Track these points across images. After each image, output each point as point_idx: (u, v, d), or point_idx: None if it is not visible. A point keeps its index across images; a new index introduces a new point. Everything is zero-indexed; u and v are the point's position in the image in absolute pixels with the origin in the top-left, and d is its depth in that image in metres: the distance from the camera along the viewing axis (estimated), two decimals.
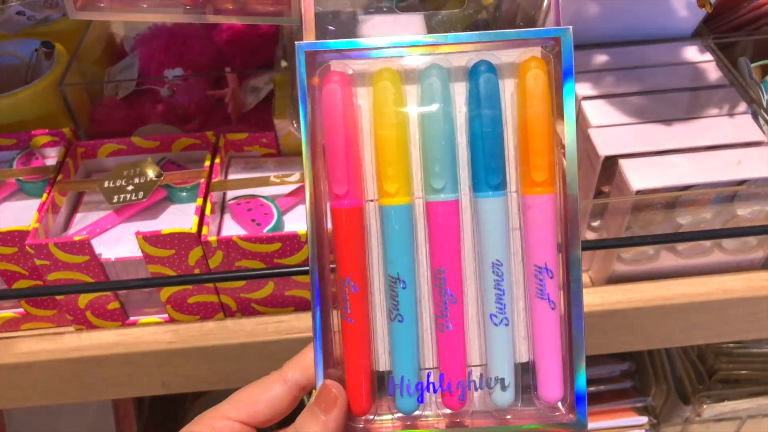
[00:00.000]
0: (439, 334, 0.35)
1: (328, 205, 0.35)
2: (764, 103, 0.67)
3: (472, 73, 0.34)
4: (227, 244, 0.54)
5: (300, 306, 0.60)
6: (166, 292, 0.56)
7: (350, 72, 0.35)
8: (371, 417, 0.36)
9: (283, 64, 0.72)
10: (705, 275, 0.62)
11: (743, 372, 0.86)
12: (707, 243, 0.62)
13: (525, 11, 0.70)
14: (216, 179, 0.59)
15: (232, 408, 0.35)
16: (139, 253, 0.54)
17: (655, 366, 0.88)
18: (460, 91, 0.35)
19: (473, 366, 0.36)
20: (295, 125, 0.57)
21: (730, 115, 0.64)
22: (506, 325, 0.35)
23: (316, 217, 0.34)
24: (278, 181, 0.57)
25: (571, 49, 0.33)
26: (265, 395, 0.35)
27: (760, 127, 0.63)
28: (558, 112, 0.34)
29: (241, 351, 0.58)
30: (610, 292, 0.61)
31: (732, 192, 0.59)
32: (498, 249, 0.34)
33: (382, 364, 0.36)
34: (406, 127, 0.34)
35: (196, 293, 0.57)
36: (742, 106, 0.65)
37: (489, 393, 0.35)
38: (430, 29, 0.62)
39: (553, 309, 0.34)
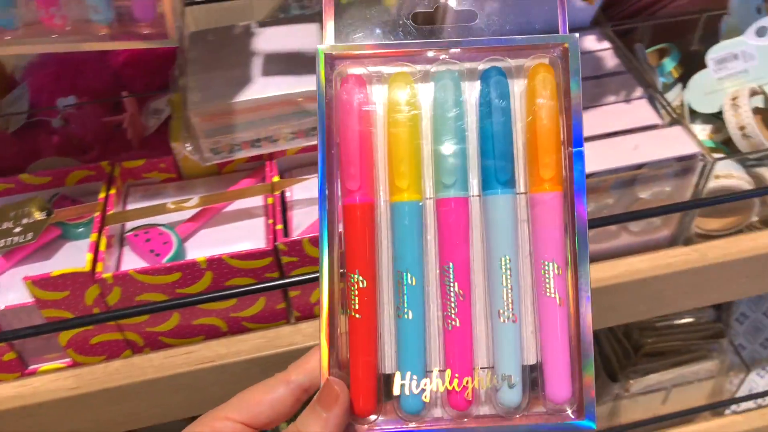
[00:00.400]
0: (446, 331, 0.35)
1: (340, 204, 0.35)
2: (659, 86, 0.68)
3: (483, 78, 0.35)
4: (124, 279, 0.52)
5: (210, 334, 0.58)
6: (65, 336, 0.54)
7: (366, 73, 0.35)
8: (375, 418, 0.35)
9: (181, 83, 0.70)
10: (615, 258, 0.63)
11: (667, 344, 0.88)
12: (613, 227, 0.63)
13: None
14: (111, 211, 0.56)
15: (235, 409, 0.34)
16: (31, 299, 0.51)
17: None
18: (471, 91, 0.36)
19: (480, 364, 0.35)
20: (189, 147, 0.55)
21: (627, 101, 0.65)
22: (514, 321, 0.35)
23: (328, 216, 0.34)
24: (174, 207, 0.55)
25: (578, 53, 0.34)
26: (268, 397, 0.34)
27: (656, 110, 0.64)
28: (566, 112, 0.35)
29: (151, 387, 0.56)
30: None
31: (632, 176, 0.60)
32: (506, 245, 0.35)
33: (389, 366, 0.35)
34: (419, 128, 0.35)
35: (98, 333, 0.55)
36: (639, 92, 0.66)
37: (496, 391, 0.35)
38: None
39: (560, 306, 0.34)
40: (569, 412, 0.34)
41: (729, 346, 0.94)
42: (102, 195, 0.58)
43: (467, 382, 0.34)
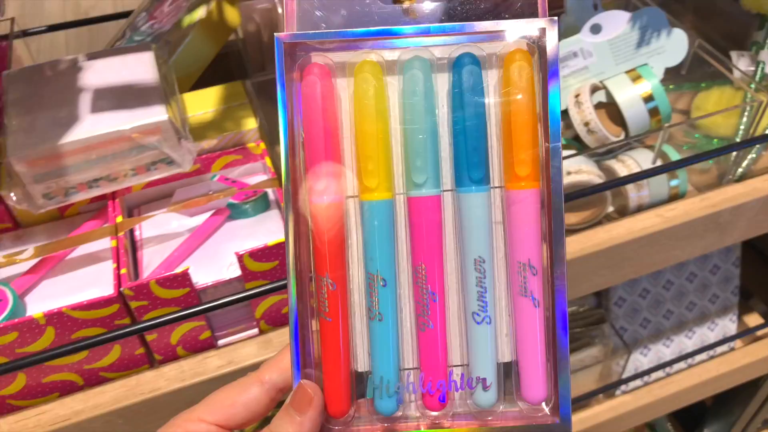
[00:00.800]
0: (419, 333, 0.34)
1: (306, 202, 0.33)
2: None
3: (455, 65, 0.33)
4: None
5: (65, 390, 0.55)
6: None
7: (330, 63, 0.32)
8: (349, 419, 0.34)
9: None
10: None
11: None
12: None
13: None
14: None
15: (208, 410, 0.33)
16: None
17: None
18: (442, 83, 0.33)
19: (454, 366, 0.34)
20: (15, 197, 0.51)
21: None
22: (488, 323, 0.33)
23: (293, 215, 0.32)
24: (5, 261, 0.51)
25: (557, 41, 0.32)
26: (241, 397, 0.33)
27: None
28: (542, 104, 0.32)
29: None
30: None
31: None
32: (481, 245, 0.33)
33: (362, 364, 0.34)
34: (388, 121, 0.33)
35: None
36: None
37: (470, 393, 0.34)
38: (160, 67, 0.58)
39: (536, 307, 0.33)
40: (544, 412, 0.34)
41: (611, 330, 0.97)
42: None
43: (441, 385, 0.34)
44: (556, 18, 0.32)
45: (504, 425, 0.34)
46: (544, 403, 0.34)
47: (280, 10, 0.64)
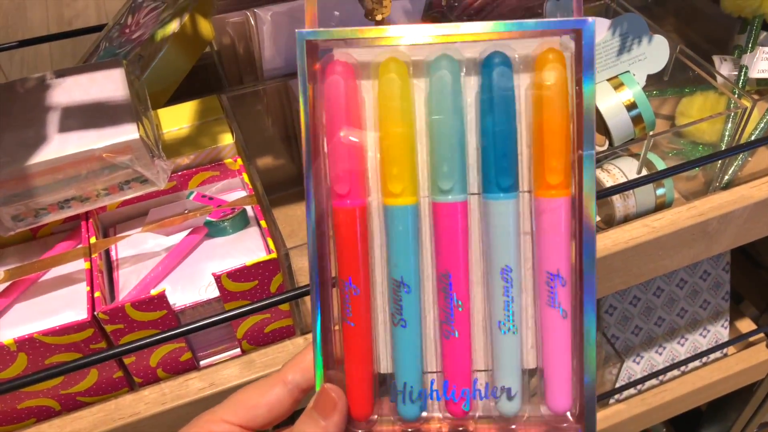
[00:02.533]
0: (444, 341, 0.33)
1: (329, 205, 0.32)
2: None
3: (484, 66, 0.31)
4: None
5: (42, 415, 0.53)
6: None
7: (354, 62, 0.31)
8: (372, 422, 0.33)
9: None
10: None
11: None
12: None
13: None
14: None
15: (231, 411, 0.33)
16: None
17: None
18: (471, 85, 0.32)
19: (479, 373, 0.34)
20: None
21: None
22: (514, 333, 0.33)
23: (317, 217, 0.31)
24: None
25: (593, 42, 0.30)
26: (264, 398, 0.33)
27: None
28: (576, 109, 0.31)
29: None
30: None
31: None
32: (508, 254, 0.32)
33: (384, 366, 0.34)
34: (413, 124, 0.32)
35: None
36: None
37: (494, 402, 0.33)
38: (131, 83, 0.57)
39: (564, 318, 0.32)
40: (569, 421, 0.33)
41: (602, 338, 0.96)
42: None
43: (465, 393, 0.33)
44: (592, 20, 0.30)
45: None
46: (569, 413, 0.33)
47: (253, 23, 0.63)
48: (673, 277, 0.98)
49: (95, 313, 0.49)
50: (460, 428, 0.34)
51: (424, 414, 0.34)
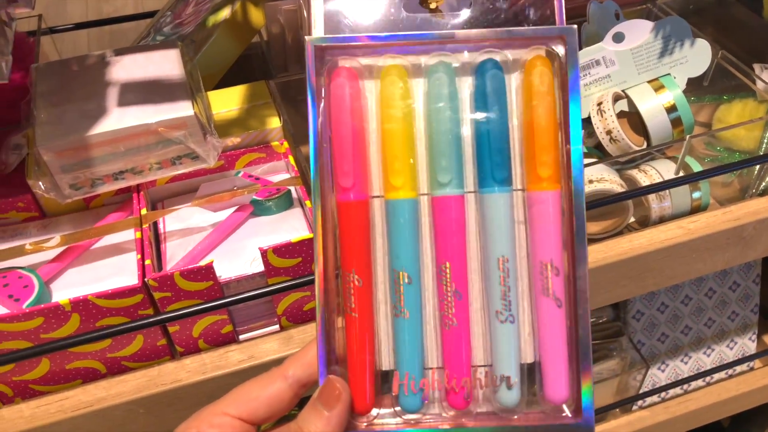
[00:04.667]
0: (444, 331, 0.34)
1: (333, 200, 0.34)
2: None
3: (479, 69, 0.34)
4: None
5: (87, 377, 0.55)
6: None
7: (358, 66, 0.34)
8: (373, 415, 0.34)
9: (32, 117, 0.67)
10: None
11: None
12: None
13: None
14: None
15: (232, 404, 0.33)
16: None
17: None
18: (466, 86, 0.34)
19: (479, 365, 0.35)
20: (43, 186, 0.52)
21: None
22: (512, 322, 0.34)
23: (321, 213, 0.33)
24: (32, 248, 0.52)
25: (577, 47, 0.33)
26: (265, 392, 0.33)
27: None
28: (563, 108, 0.33)
29: None
30: None
31: None
32: (504, 245, 0.34)
33: (386, 362, 0.35)
34: (413, 123, 0.34)
35: None
36: None
37: (494, 391, 0.34)
38: (185, 64, 0.59)
39: (559, 307, 0.33)
40: (567, 412, 0.34)
41: (629, 343, 0.96)
42: None
43: (465, 383, 0.34)
44: (575, 26, 0.34)
45: (527, 424, 0.34)
46: (565, 405, 0.34)
47: (305, 13, 0.65)
48: (701, 286, 0.97)
49: (145, 279, 0.51)
50: (462, 420, 0.34)
51: (424, 409, 0.35)
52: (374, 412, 0.35)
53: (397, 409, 0.35)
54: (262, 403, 0.33)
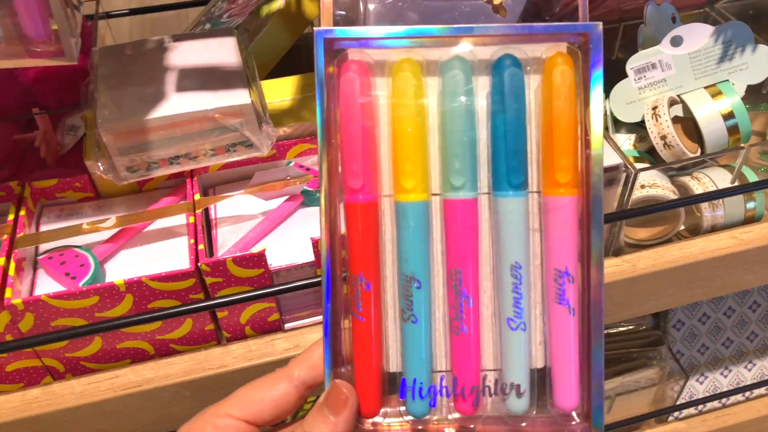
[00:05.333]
0: (453, 337, 0.34)
1: (341, 201, 0.33)
2: None
3: (496, 67, 0.32)
4: (36, 304, 0.49)
5: (136, 357, 0.56)
6: None
7: (369, 60, 0.33)
8: (380, 419, 0.34)
9: (92, 100, 0.68)
10: None
11: (608, 352, 0.89)
12: None
13: None
14: (21, 234, 0.54)
15: (236, 406, 0.33)
16: None
17: None
18: (482, 85, 0.33)
19: (488, 370, 0.34)
20: (102, 167, 0.53)
21: None
22: (523, 330, 0.33)
23: (329, 213, 0.32)
24: (89, 228, 0.53)
25: (600, 45, 0.31)
26: (270, 394, 0.33)
27: None
28: (584, 110, 0.32)
29: (72, 415, 0.53)
30: None
31: None
32: (517, 251, 0.33)
33: (393, 365, 0.34)
34: (426, 122, 0.33)
35: (14, 360, 0.52)
36: None
37: (503, 399, 0.34)
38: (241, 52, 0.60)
39: (572, 315, 0.33)
40: (576, 420, 0.34)
41: (668, 353, 0.95)
42: (11, 217, 0.55)
43: (474, 390, 0.34)
44: (599, 23, 0.32)
45: (535, 431, 0.34)
46: (575, 412, 0.34)
47: (361, 4, 0.65)
48: (746, 299, 0.96)
49: (198, 264, 0.52)
50: (470, 426, 0.34)
51: (431, 415, 0.34)
52: (380, 415, 0.34)
53: (403, 409, 0.34)
54: (267, 404, 0.33)
